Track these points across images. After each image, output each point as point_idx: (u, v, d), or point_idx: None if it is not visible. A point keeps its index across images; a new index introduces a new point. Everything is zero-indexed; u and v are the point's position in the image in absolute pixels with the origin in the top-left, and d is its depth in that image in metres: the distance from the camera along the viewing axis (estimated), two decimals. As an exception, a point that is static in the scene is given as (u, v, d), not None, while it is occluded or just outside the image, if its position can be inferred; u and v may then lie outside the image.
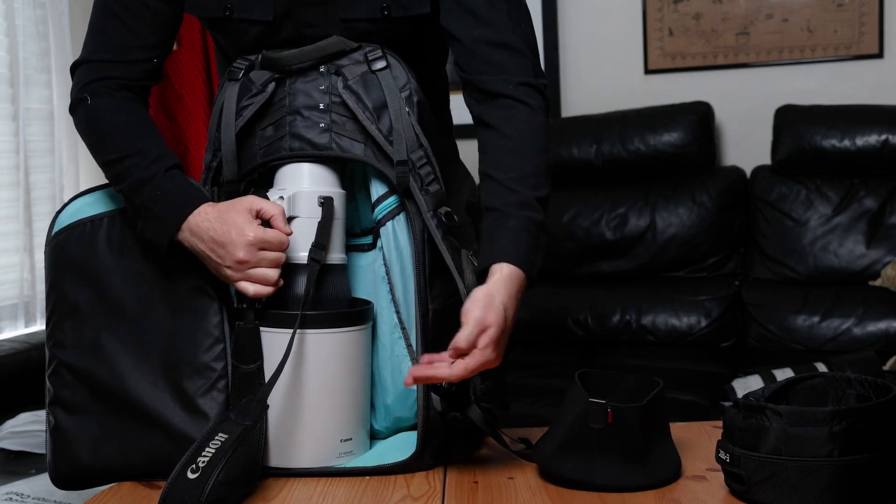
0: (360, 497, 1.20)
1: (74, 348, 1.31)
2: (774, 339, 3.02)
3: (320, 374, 1.27)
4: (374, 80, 1.31)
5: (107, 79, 1.35)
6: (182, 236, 1.27)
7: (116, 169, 1.31)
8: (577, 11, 3.52)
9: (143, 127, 1.34)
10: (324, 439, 1.28)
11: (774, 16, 3.37)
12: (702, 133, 3.22)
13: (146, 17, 1.36)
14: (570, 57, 3.53)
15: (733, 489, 1.13)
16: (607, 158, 3.27)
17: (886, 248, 3.03)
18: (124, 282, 1.31)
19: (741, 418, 1.10)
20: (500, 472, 1.27)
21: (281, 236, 1.25)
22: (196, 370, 1.29)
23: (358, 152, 1.31)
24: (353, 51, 1.32)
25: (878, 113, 3.09)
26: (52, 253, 1.33)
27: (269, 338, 1.27)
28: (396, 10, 1.34)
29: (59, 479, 1.32)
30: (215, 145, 1.35)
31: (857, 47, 3.32)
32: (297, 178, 1.31)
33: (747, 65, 3.41)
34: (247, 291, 1.25)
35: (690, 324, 3.10)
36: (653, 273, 3.25)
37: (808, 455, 1.06)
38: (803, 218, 3.12)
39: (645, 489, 1.17)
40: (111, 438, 1.29)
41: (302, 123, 1.31)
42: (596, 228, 3.25)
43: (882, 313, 2.92)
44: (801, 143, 3.11)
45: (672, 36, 3.44)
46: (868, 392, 1.16)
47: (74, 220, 1.33)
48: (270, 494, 1.22)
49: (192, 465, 1.13)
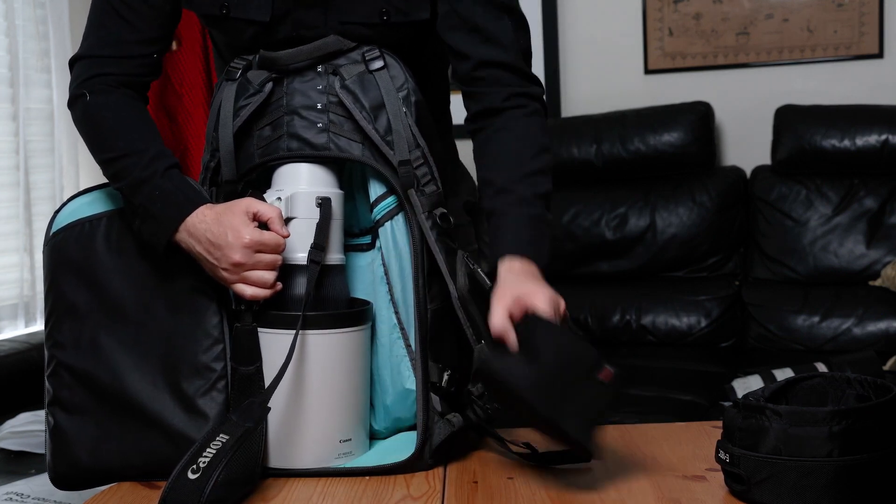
0: (360, 497, 1.20)
1: (73, 349, 1.30)
2: (774, 339, 3.02)
3: (320, 374, 1.27)
4: (371, 80, 1.30)
5: (105, 75, 1.35)
6: (179, 237, 1.27)
7: (114, 167, 1.30)
8: (577, 11, 3.52)
9: (142, 125, 1.34)
10: (323, 439, 1.28)
11: (774, 16, 3.37)
12: (702, 133, 3.22)
13: (145, 12, 1.35)
14: (570, 57, 3.53)
15: (733, 489, 1.13)
16: (607, 158, 3.27)
17: (886, 248, 3.03)
18: (123, 282, 1.31)
19: (741, 418, 1.10)
20: (500, 472, 1.27)
21: (278, 239, 1.25)
22: (195, 370, 1.29)
23: (356, 152, 1.31)
24: (350, 50, 1.32)
25: (878, 113, 3.09)
26: (50, 253, 1.33)
27: (268, 339, 1.27)
28: (396, 15, 1.34)
29: (59, 479, 1.32)
30: (213, 145, 1.35)
31: (857, 47, 3.32)
32: (294, 178, 1.31)
33: (747, 65, 3.41)
34: (243, 294, 1.25)
35: (690, 324, 3.10)
36: (653, 273, 3.25)
37: (808, 455, 1.05)
38: (803, 218, 3.12)
39: (566, 435, 1.16)
40: (110, 439, 1.29)
41: (299, 123, 1.31)
42: (596, 228, 3.26)
43: (882, 313, 2.92)
44: (801, 143, 3.12)
45: (672, 36, 3.44)
46: (868, 392, 1.16)
47: (73, 219, 1.33)
48: (270, 494, 1.22)
49: (192, 466, 1.13)
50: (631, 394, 2.60)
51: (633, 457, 1.30)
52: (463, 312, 1.28)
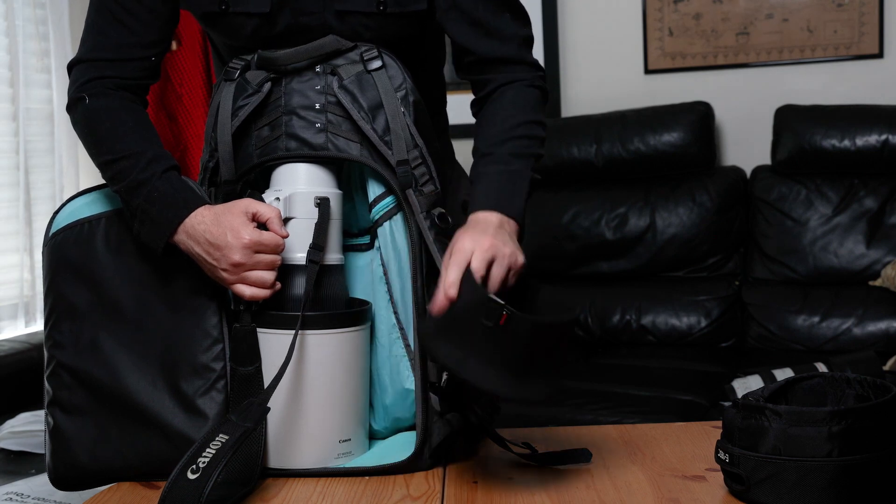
0: (360, 497, 1.20)
1: (73, 349, 1.30)
2: (774, 339, 3.02)
3: (319, 374, 1.27)
4: (369, 80, 1.30)
5: (104, 78, 1.35)
6: (178, 238, 1.27)
7: (113, 169, 1.30)
8: (577, 11, 3.52)
9: (141, 128, 1.34)
10: (323, 440, 1.28)
11: (774, 16, 3.37)
12: (702, 133, 3.22)
13: (143, 15, 1.35)
14: (570, 57, 3.53)
15: (732, 489, 1.13)
16: (607, 158, 3.27)
17: (886, 248, 3.03)
18: (122, 282, 1.31)
19: (741, 418, 1.10)
20: (500, 472, 1.27)
21: (277, 239, 1.25)
22: (195, 370, 1.29)
23: (354, 152, 1.31)
24: (348, 50, 1.32)
25: (878, 113, 3.08)
26: (49, 253, 1.33)
27: (267, 339, 1.27)
28: (392, 5, 1.34)
29: (59, 479, 1.32)
30: (212, 145, 1.34)
31: (857, 47, 3.32)
32: (293, 178, 1.31)
33: (747, 65, 3.41)
34: (243, 294, 1.25)
35: (690, 324, 3.10)
36: (653, 273, 3.25)
37: (808, 455, 1.05)
38: (803, 218, 3.12)
39: (505, 398, 1.16)
40: (110, 439, 1.29)
41: (298, 123, 1.31)
42: (596, 228, 3.25)
43: (882, 313, 2.92)
44: (801, 143, 3.11)
45: (672, 36, 3.44)
46: (867, 392, 1.16)
47: (72, 220, 1.33)
48: (270, 494, 1.22)
49: (192, 466, 1.13)
50: (631, 394, 2.60)
51: (633, 457, 1.30)
52: None
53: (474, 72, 1.39)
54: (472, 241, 1.21)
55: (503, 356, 1.14)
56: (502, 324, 1.12)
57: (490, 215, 1.26)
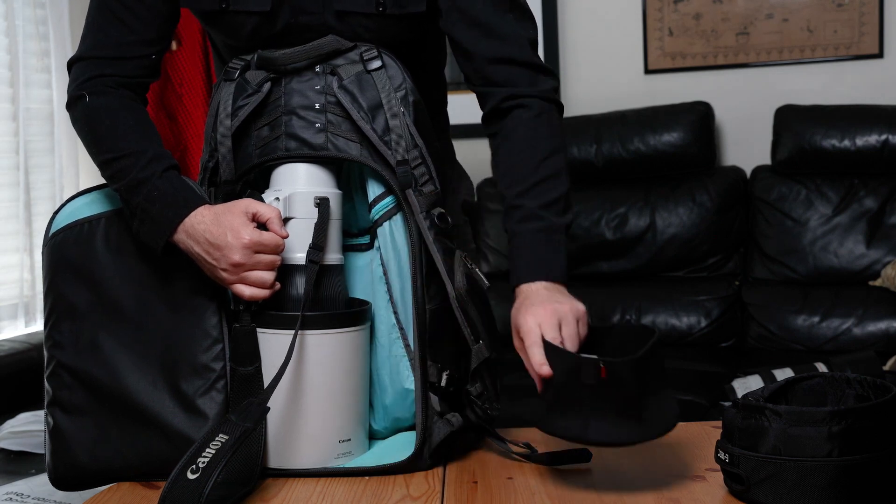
0: (360, 497, 1.20)
1: (73, 349, 1.30)
2: (774, 339, 3.02)
3: (319, 374, 1.27)
4: (369, 80, 1.30)
5: (104, 76, 1.35)
6: (178, 238, 1.26)
7: (113, 168, 1.30)
8: (577, 11, 3.52)
9: (141, 127, 1.34)
10: (322, 440, 1.28)
11: (774, 16, 3.37)
12: (702, 133, 3.22)
13: (143, 14, 1.35)
14: (570, 57, 3.53)
15: (732, 489, 1.13)
16: (607, 158, 3.27)
17: (886, 248, 3.03)
18: (122, 282, 1.31)
19: (741, 418, 1.10)
20: (500, 472, 1.27)
21: (277, 239, 1.25)
22: (195, 370, 1.29)
23: (354, 152, 1.30)
24: (348, 50, 1.32)
25: (878, 113, 3.09)
26: (49, 253, 1.33)
27: (267, 339, 1.27)
28: (392, 6, 1.34)
29: (58, 479, 1.32)
30: (211, 145, 1.34)
31: (857, 47, 3.32)
32: (293, 178, 1.31)
33: (747, 65, 3.41)
34: (243, 294, 1.25)
35: (690, 324, 3.10)
36: (653, 273, 3.25)
37: (808, 455, 1.05)
38: (803, 218, 3.12)
39: (639, 443, 1.16)
40: (110, 439, 1.29)
41: (297, 123, 1.31)
42: (596, 228, 3.26)
43: (882, 313, 2.92)
44: (801, 143, 3.12)
45: (672, 36, 3.44)
46: (867, 392, 1.16)
47: (72, 220, 1.33)
48: (270, 494, 1.22)
49: (192, 466, 1.13)
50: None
51: (633, 457, 1.30)
52: (461, 312, 1.28)
53: (478, 81, 1.36)
54: (533, 316, 1.23)
55: (617, 405, 1.15)
56: (604, 377, 1.13)
57: (537, 286, 1.28)
